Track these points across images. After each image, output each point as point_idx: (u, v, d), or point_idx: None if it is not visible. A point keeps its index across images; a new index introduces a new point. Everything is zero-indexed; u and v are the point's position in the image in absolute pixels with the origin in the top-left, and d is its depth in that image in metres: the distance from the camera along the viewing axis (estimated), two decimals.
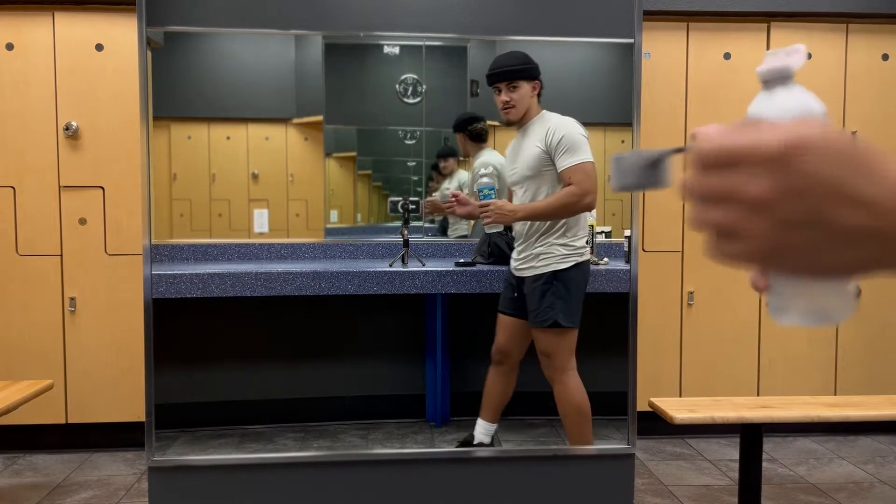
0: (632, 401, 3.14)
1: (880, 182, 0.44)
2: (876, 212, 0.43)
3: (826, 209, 0.44)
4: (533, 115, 2.99)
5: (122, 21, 3.81)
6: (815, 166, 0.44)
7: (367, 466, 3.09)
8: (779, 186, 0.44)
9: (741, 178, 0.45)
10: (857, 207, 0.44)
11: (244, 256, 3.62)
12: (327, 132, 4.01)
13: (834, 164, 0.44)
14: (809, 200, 0.44)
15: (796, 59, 0.60)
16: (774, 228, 0.45)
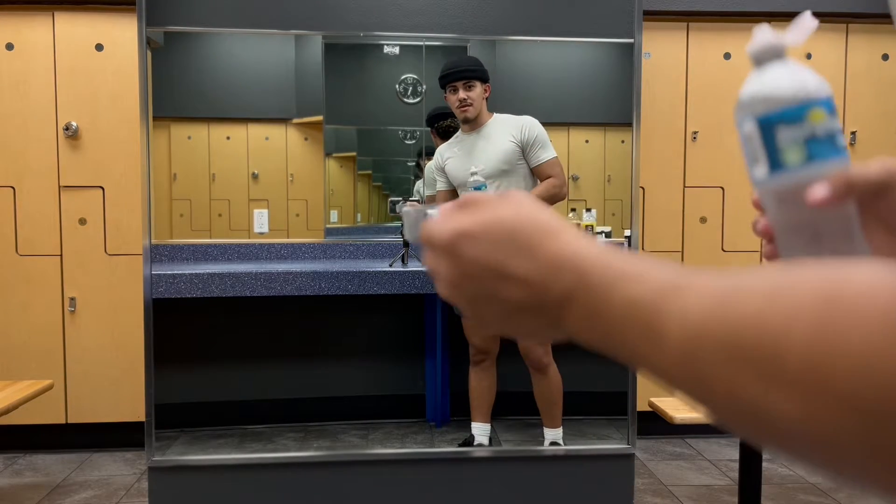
0: (632, 401, 3.14)
1: (531, 258, 0.49)
2: (525, 286, 0.48)
3: (491, 286, 0.50)
4: (486, 116, 3.12)
5: (122, 21, 3.81)
6: (475, 251, 0.50)
7: (367, 466, 3.09)
8: (454, 270, 0.51)
9: (433, 261, 0.53)
10: (511, 283, 0.49)
11: (244, 256, 3.62)
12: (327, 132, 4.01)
13: (491, 246, 0.50)
14: (478, 280, 0.50)
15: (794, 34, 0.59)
16: (465, 301, 0.52)
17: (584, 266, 0.46)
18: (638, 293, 0.42)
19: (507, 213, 0.51)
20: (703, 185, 4.15)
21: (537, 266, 0.48)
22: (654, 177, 4.08)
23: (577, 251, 0.47)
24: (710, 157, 4.14)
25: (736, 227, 4.17)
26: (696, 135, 4.13)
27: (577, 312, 0.46)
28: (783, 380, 0.31)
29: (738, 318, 0.34)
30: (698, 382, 0.37)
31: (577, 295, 0.46)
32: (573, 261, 0.47)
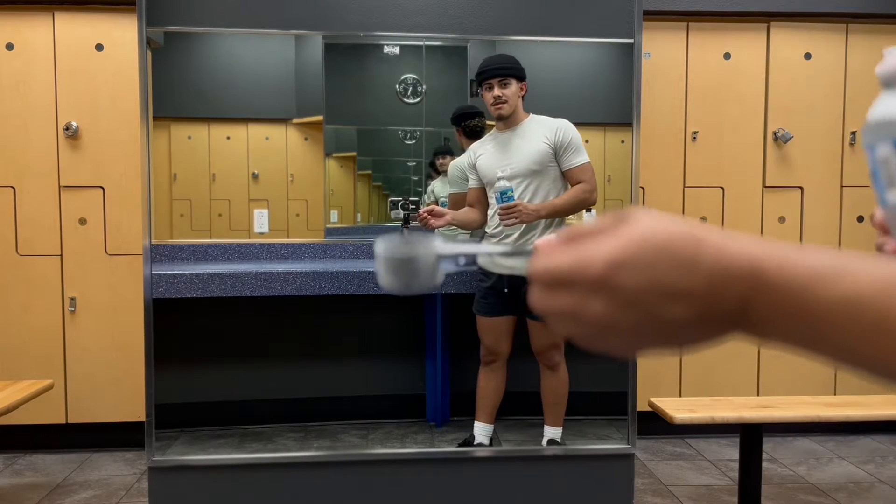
0: (632, 401, 3.14)
1: (693, 272, 0.47)
2: (693, 301, 0.48)
3: (655, 310, 0.48)
4: (521, 115, 3.08)
5: (122, 21, 3.81)
6: (634, 277, 0.48)
7: (367, 466, 3.09)
8: (612, 304, 0.49)
9: (578, 300, 0.49)
10: (677, 301, 0.48)
11: (244, 256, 3.62)
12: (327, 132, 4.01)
13: (649, 268, 0.48)
14: (640, 307, 0.48)
15: None
16: (621, 335, 0.50)
17: (756, 269, 0.46)
18: (855, 291, 0.43)
19: (645, 232, 0.49)
20: (703, 185, 4.15)
21: (702, 279, 0.47)
22: (654, 177, 4.09)
23: (739, 255, 0.47)
24: (710, 157, 4.14)
25: (736, 227, 4.17)
26: (696, 135, 4.13)
27: (761, 316, 0.46)
28: None
29: None
30: None
31: (757, 299, 0.46)
32: (740, 266, 0.47)
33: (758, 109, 4.15)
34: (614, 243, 0.49)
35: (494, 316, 3.09)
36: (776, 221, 4.14)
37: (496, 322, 3.09)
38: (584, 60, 3.98)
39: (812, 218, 4.17)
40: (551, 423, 3.17)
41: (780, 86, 4.14)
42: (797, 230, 4.17)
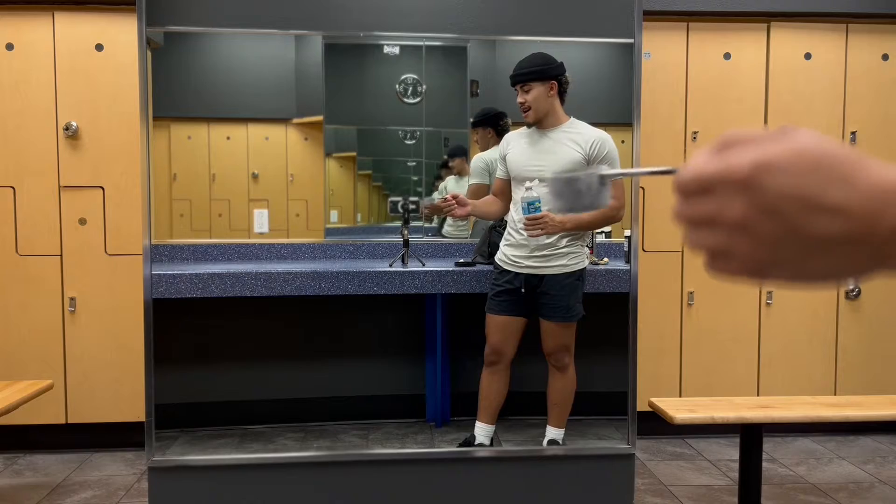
0: (632, 401, 3.14)
1: (850, 188, 0.45)
2: (847, 218, 0.45)
3: (800, 221, 0.46)
4: (561, 118, 3.02)
5: (122, 21, 3.81)
6: (782, 183, 0.46)
7: (366, 466, 3.09)
8: (752, 207, 0.47)
9: (718, 204, 0.48)
10: (828, 216, 0.45)
11: (244, 256, 3.62)
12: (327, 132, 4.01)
13: (801, 177, 0.46)
14: (783, 216, 0.46)
15: None
16: (757, 245, 0.47)
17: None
18: None
19: (807, 143, 0.47)
20: None
21: (860, 196, 0.45)
22: (654, 177, 4.08)
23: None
24: None
25: None
26: (696, 135, 4.13)
27: None
28: None
29: None
30: None
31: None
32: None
33: (758, 109, 4.15)
34: (768, 149, 0.47)
35: (506, 315, 3.08)
36: None
37: (506, 321, 3.07)
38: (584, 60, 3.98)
39: None
40: (554, 423, 3.16)
41: (780, 86, 4.14)
42: None
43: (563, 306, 3.01)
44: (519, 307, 3.05)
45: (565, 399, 3.13)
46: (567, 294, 3.01)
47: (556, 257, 3.01)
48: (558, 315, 3.02)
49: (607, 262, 3.36)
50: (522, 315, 3.07)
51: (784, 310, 4.18)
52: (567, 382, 3.11)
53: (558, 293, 3.01)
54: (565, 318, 3.02)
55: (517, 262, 3.05)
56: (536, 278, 3.02)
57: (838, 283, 0.48)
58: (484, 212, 3.20)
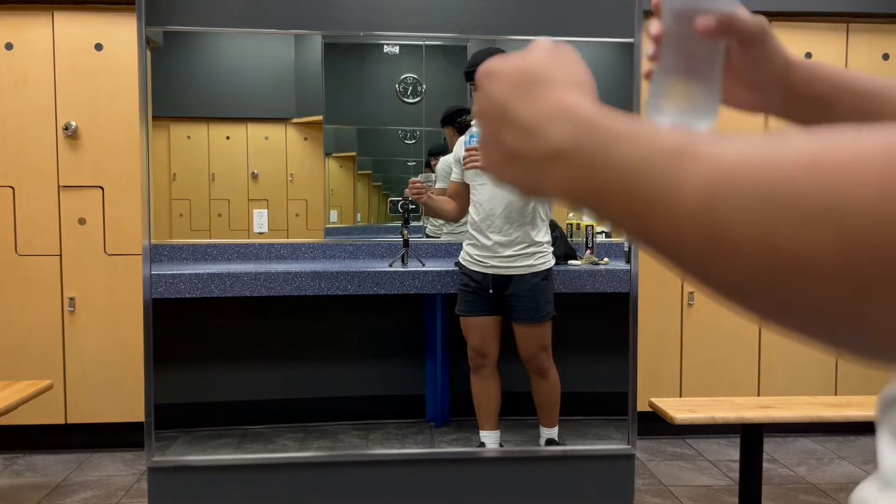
0: (632, 401, 3.14)
1: (533, 104, 0.47)
2: (523, 132, 0.46)
3: (498, 127, 0.48)
4: None
5: (122, 21, 3.81)
6: (492, 89, 0.49)
7: (366, 467, 3.09)
8: (478, 107, 0.50)
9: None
10: (512, 128, 0.47)
11: (244, 256, 3.62)
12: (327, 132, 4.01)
13: (506, 87, 0.49)
14: (490, 120, 0.49)
15: None
16: (482, 139, 0.51)
17: (581, 120, 0.44)
18: (645, 150, 0.40)
19: (533, 58, 0.50)
20: None
21: (534, 113, 0.46)
22: None
23: (576, 105, 0.46)
24: None
25: None
26: None
27: (568, 169, 0.43)
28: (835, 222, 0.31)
29: (785, 167, 0.33)
30: (717, 232, 0.35)
31: (570, 150, 0.43)
32: (570, 112, 0.45)
33: None
34: (507, 58, 0.51)
35: (479, 315, 3.05)
36: None
37: (481, 322, 3.05)
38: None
39: None
40: (546, 423, 3.15)
41: None
42: None
43: (532, 307, 2.98)
44: (490, 306, 3.03)
45: (551, 401, 3.11)
46: (535, 294, 2.98)
47: (521, 258, 2.98)
48: (527, 316, 2.99)
49: (607, 261, 3.36)
50: (496, 314, 3.05)
51: None
52: (550, 385, 3.08)
53: (526, 294, 2.98)
54: (534, 318, 2.98)
55: (482, 262, 3.02)
56: (504, 279, 2.99)
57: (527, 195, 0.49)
58: (438, 208, 3.16)
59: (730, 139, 0.37)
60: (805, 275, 0.32)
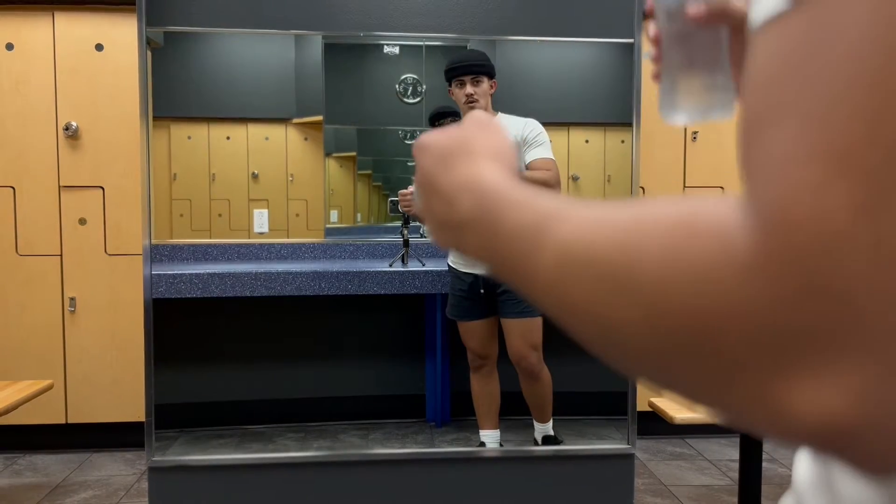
0: (632, 401, 3.14)
1: (451, 177, 0.52)
2: (444, 202, 0.52)
3: (430, 199, 0.54)
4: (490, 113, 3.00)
5: (122, 21, 3.81)
6: (423, 163, 0.55)
7: (366, 466, 3.09)
8: (416, 177, 0.56)
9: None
10: (437, 197, 0.53)
11: (244, 256, 3.62)
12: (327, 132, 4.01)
13: (433, 161, 0.54)
14: (423, 190, 0.55)
15: None
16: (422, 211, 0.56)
17: (483, 191, 0.49)
18: (524, 220, 0.44)
19: (458, 132, 0.55)
20: (703, 185, 4.15)
21: (451, 185, 0.51)
22: (654, 177, 4.08)
23: (480, 176, 0.50)
24: (710, 157, 4.14)
25: None
26: (696, 135, 4.13)
27: (474, 235, 0.48)
28: (633, 294, 0.34)
29: (602, 243, 0.37)
30: (563, 300, 0.39)
31: (474, 220, 0.48)
32: (475, 184, 0.50)
33: None
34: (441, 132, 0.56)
35: (475, 319, 3.04)
36: None
37: (478, 325, 3.05)
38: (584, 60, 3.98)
39: None
40: (540, 420, 3.15)
41: None
42: None
43: (522, 299, 2.96)
44: (484, 308, 3.03)
45: (544, 401, 3.10)
46: None
47: None
48: (517, 309, 2.96)
49: None
50: (490, 314, 3.04)
51: None
52: (541, 385, 3.06)
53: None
54: (525, 311, 2.96)
55: (472, 262, 3.01)
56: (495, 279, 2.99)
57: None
58: None
59: (585, 209, 0.40)
60: (624, 341, 0.36)
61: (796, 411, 0.30)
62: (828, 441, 0.30)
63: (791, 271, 0.29)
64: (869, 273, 0.27)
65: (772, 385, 0.30)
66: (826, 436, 0.30)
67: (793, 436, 0.31)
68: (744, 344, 0.30)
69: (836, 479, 0.43)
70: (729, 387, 0.32)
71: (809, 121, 0.29)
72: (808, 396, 0.29)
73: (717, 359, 0.31)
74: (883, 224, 0.27)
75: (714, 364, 0.32)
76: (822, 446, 0.31)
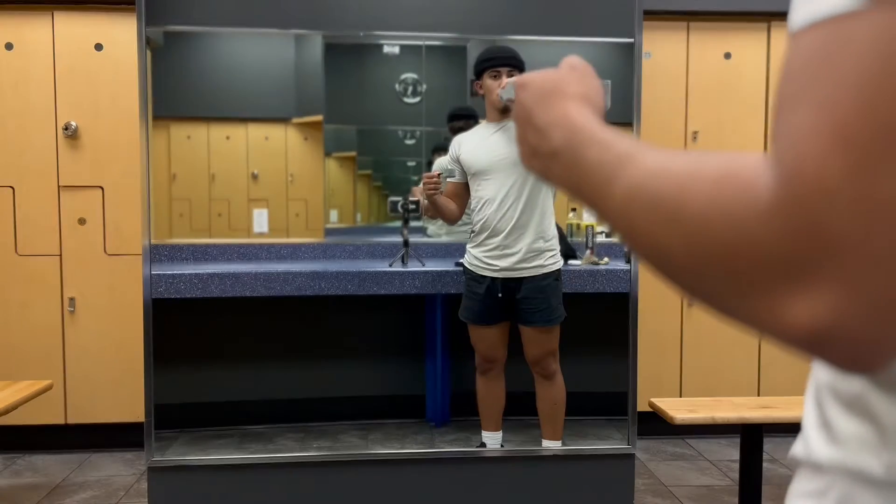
0: (632, 401, 3.14)
1: (546, 113, 0.61)
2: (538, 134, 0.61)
3: (525, 127, 0.63)
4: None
5: (122, 20, 3.81)
6: (522, 98, 0.64)
7: (366, 466, 3.09)
8: (514, 111, 0.65)
9: None
10: (532, 129, 0.62)
11: (244, 256, 3.62)
12: (327, 132, 4.01)
13: (532, 96, 0.63)
14: (520, 122, 0.64)
15: None
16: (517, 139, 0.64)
17: (572, 128, 0.58)
18: (604, 157, 0.53)
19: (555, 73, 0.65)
20: None
21: (546, 119, 0.60)
22: None
23: (571, 115, 0.59)
24: None
25: None
26: (696, 135, 4.13)
27: (561, 165, 0.58)
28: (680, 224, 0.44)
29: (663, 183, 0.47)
30: (628, 225, 0.50)
31: (562, 151, 0.57)
32: (566, 121, 0.59)
33: (758, 109, 4.14)
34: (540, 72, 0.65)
35: (488, 324, 3.01)
36: None
37: (491, 330, 3.01)
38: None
39: None
40: (550, 436, 3.11)
41: None
42: None
43: (545, 309, 2.93)
44: (499, 313, 2.98)
45: (557, 410, 3.06)
46: (547, 296, 2.93)
47: (530, 258, 2.92)
48: (540, 319, 2.93)
49: (607, 261, 3.35)
50: (504, 320, 3.00)
51: None
52: (556, 391, 3.04)
53: (538, 296, 2.93)
54: (548, 321, 2.94)
55: (490, 265, 2.95)
56: (514, 282, 2.93)
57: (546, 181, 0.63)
58: (444, 207, 3.05)
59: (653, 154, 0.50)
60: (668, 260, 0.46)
61: (790, 318, 0.40)
62: (811, 342, 0.40)
63: (797, 215, 0.38)
64: (851, 219, 0.37)
65: (774, 299, 0.40)
66: (810, 338, 0.40)
67: (787, 338, 0.41)
68: (758, 267, 0.40)
69: (831, 418, 0.52)
70: (743, 299, 0.42)
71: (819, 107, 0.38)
72: (799, 307, 0.40)
73: (736, 278, 0.42)
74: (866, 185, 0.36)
75: (734, 282, 0.42)
76: (808, 347, 0.41)
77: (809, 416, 0.58)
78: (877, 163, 0.36)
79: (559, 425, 3.09)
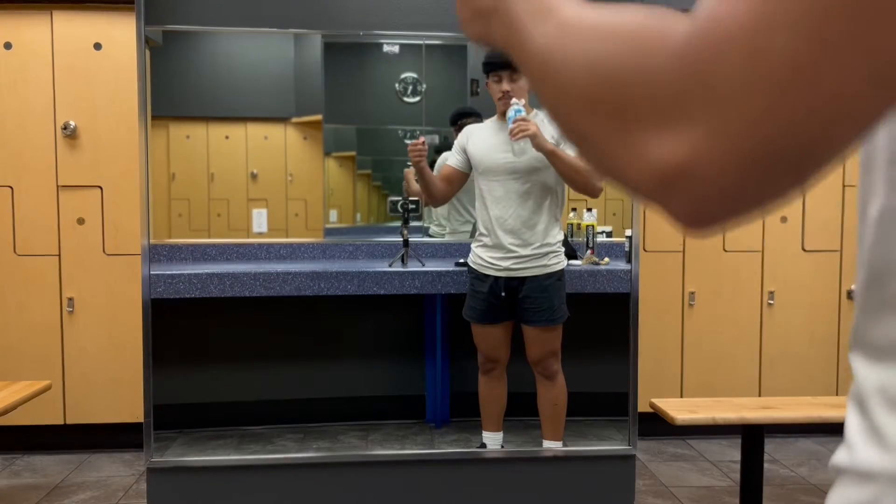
0: (633, 401, 3.13)
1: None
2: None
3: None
4: (527, 110, 2.88)
5: (121, 20, 3.80)
6: None
7: (366, 467, 3.08)
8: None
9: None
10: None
11: (243, 256, 3.61)
12: (327, 131, 4.00)
13: None
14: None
15: None
16: (458, 4, 0.65)
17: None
18: (523, 9, 0.54)
19: None
20: None
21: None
22: None
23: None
24: None
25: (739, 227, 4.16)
26: None
27: (498, 21, 0.59)
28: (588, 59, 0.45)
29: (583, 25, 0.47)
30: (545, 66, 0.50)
31: (499, 7, 0.58)
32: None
33: None
34: None
35: (491, 323, 3.00)
36: (778, 221, 4.13)
37: (494, 330, 3.01)
38: None
39: (814, 218, 4.16)
40: (551, 437, 3.10)
41: None
42: (799, 231, 4.15)
43: (547, 308, 2.92)
44: (502, 312, 2.98)
45: (558, 410, 3.05)
46: (550, 295, 2.92)
47: (535, 258, 2.92)
48: (543, 318, 2.93)
49: (608, 261, 3.35)
50: (508, 319, 3.00)
51: (785, 310, 4.17)
52: (558, 391, 3.03)
53: (540, 295, 2.92)
54: (550, 320, 2.93)
55: (494, 265, 2.95)
56: (517, 281, 2.93)
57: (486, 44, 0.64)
58: (429, 179, 3.03)
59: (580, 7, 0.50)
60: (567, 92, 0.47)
61: (652, 154, 0.41)
62: (662, 182, 0.41)
63: (696, 59, 0.40)
64: (741, 68, 0.38)
65: (648, 132, 0.41)
66: (663, 177, 0.41)
67: (641, 178, 0.42)
68: (646, 101, 0.41)
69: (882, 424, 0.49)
70: (621, 135, 0.43)
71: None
72: (664, 143, 0.41)
73: (623, 112, 0.43)
74: (763, 38, 0.38)
75: (620, 115, 0.43)
76: (657, 189, 0.42)
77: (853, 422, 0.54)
78: (779, 19, 0.37)
79: (560, 426, 3.08)
